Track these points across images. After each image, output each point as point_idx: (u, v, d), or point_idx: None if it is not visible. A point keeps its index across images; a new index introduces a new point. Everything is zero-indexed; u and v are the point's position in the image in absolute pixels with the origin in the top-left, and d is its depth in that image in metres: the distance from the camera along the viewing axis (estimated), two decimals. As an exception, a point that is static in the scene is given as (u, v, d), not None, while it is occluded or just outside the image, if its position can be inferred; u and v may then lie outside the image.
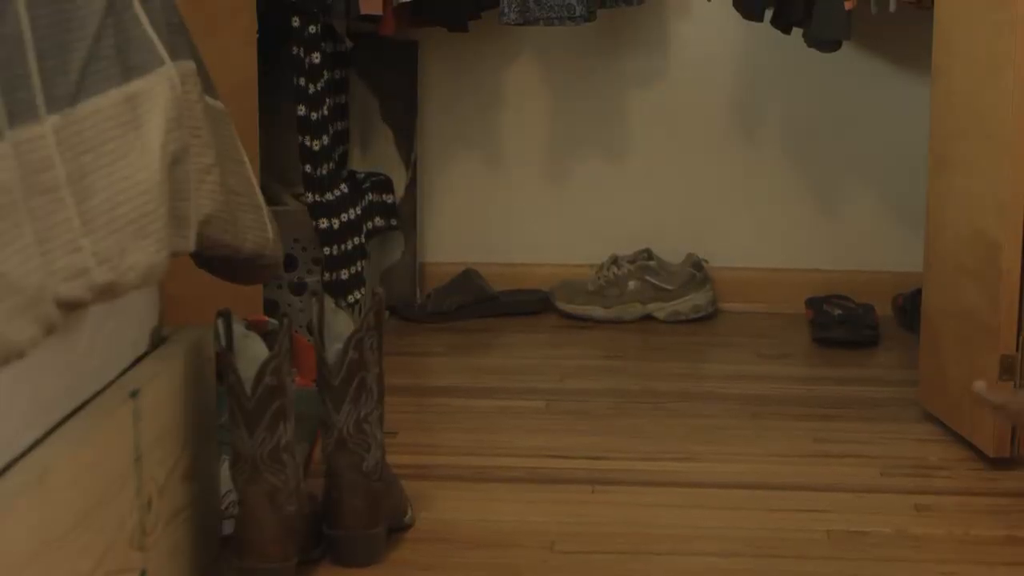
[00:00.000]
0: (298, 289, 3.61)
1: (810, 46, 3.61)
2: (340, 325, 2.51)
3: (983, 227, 2.87)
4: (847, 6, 3.43)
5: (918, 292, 3.30)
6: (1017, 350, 2.84)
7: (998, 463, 2.90)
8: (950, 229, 3.01)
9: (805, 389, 3.38)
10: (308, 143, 3.59)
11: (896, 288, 3.92)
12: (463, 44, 3.87)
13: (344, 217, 3.62)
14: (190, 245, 2.15)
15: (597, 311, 3.93)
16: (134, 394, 2.15)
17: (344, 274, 3.61)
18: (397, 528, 2.59)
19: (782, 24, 3.51)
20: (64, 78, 1.90)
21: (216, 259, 2.35)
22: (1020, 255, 2.81)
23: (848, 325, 3.74)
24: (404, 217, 3.97)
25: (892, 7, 3.43)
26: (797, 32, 3.59)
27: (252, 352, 2.36)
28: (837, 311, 3.79)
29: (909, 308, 3.74)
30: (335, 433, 2.48)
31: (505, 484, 2.86)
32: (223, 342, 2.36)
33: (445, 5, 3.64)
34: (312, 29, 3.53)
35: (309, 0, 3.46)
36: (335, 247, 3.59)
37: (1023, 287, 2.82)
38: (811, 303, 3.89)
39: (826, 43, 3.56)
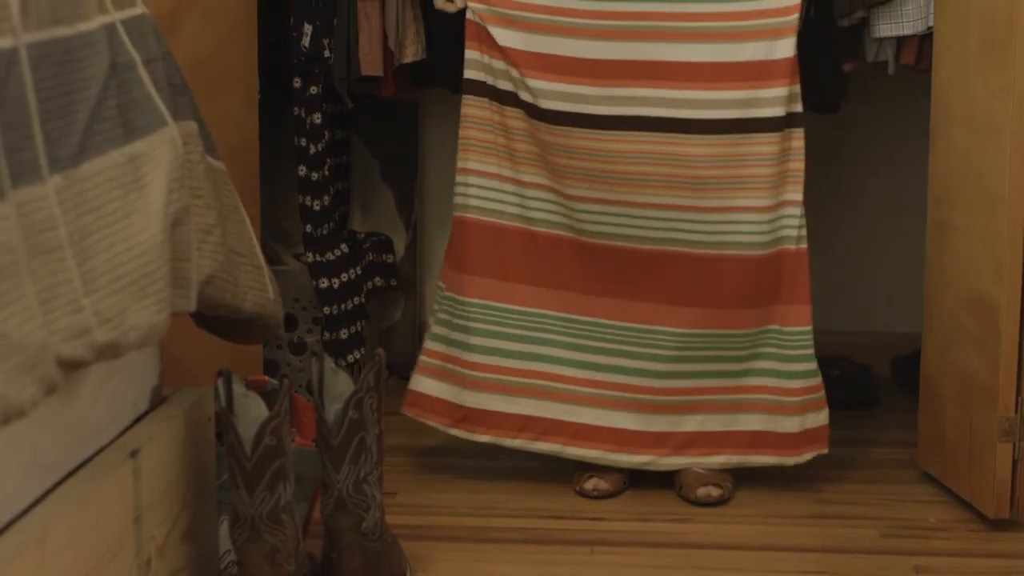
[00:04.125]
0: (298, 349, 3.62)
1: (809, 108, 3.62)
2: (340, 385, 2.51)
3: (982, 289, 2.88)
4: (846, 68, 3.45)
5: (917, 353, 3.30)
6: (1016, 412, 2.84)
7: (998, 525, 2.90)
8: (949, 291, 3.02)
9: (804, 450, 3.37)
10: (309, 203, 3.60)
11: (895, 349, 3.93)
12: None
13: (344, 277, 3.63)
14: (191, 305, 2.16)
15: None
16: (134, 454, 2.15)
17: (344, 334, 3.62)
18: (396, 589, 2.59)
19: (781, 86, 3.53)
20: (67, 139, 1.92)
21: (216, 319, 2.36)
22: (1019, 317, 2.82)
23: (847, 386, 3.74)
24: (404, 277, 3.98)
25: (891, 69, 3.45)
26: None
27: (252, 412, 2.37)
28: (836, 371, 3.79)
29: (908, 369, 3.74)
30: (334, 493, 2.48)
31: (504, 545, 2.86)
32: (223, 402, 2.36)
33: (446, 67, 3.65)
34: (313, 90, 3.55)
35: (310, 61, 3.48)
36: (335, 307, 3.60)
37: (1022, 349, 2.83)
38: (810, 364, 3.89)
39: (825, 105, 3.58)
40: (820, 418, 3.08)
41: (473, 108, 3.11)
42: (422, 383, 3.17)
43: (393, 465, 2.89)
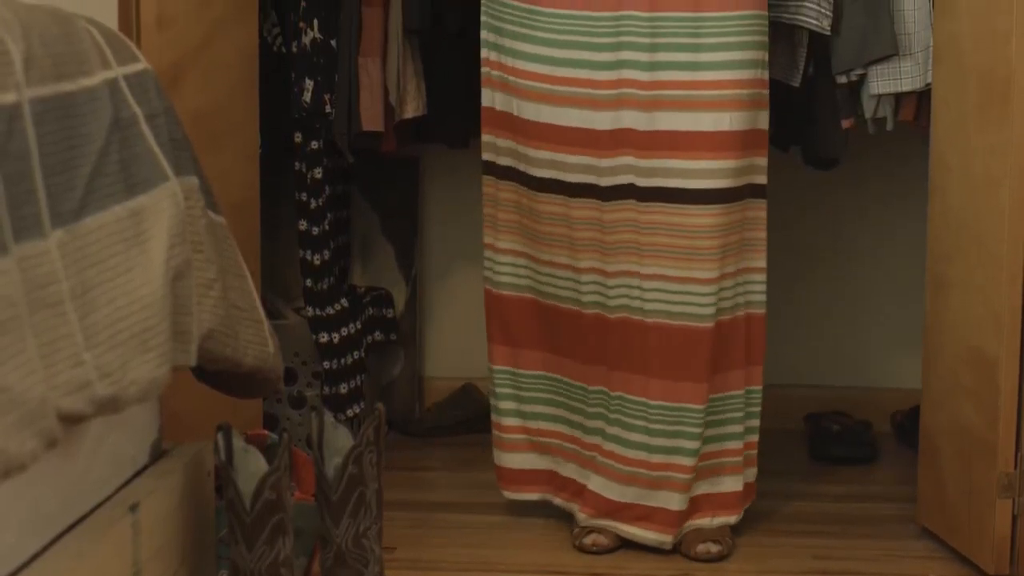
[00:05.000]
0: (298, 403, 3.62)
1: (808, 164, 3.64)
2: (339, 439, 2.51)
3: (980, 345, 2.88)
4: (844, 125, 3.46)
5: (917, 409, 3.30)
6: (1015, 468, 2.84)
7: (998, 581, 2.90)
8: (948, 346, 3.02)
9: (803, 505, 3.37)
10: (309, 257, 3.61)
11: (895, 405, 3.93)
12: (464, 161, 3.89)
13: (344, 331, 3.63)
14: (192, 359, 2.16)
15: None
16: (133, 508, 2.15)
17: (344, 388, 3.62)
18: (395, 644, 2.58)
19: (781, 143, 3.54)
20: (69, 194, 1.93)
21: (217, 373, 2.36)
22: (1018, 373, 2.82)
23: (846, 441, 3.74)
24: (404, 332, 3.98)
25: (889, 126, 3.46)
26: (795, 150, 3.62)
27: (251, 466, 2.37)
28: (835, 427, 3.79)
29: (908, 425, 3.75)
30: (334, 548, 2.48)
31: (503, 600, 2.86)
32: (223, 456, 2.36)
33: (446, 123, 3.68)
34: (314, 145, 3.56)
35: (311, 116, 3.49)
36: (335, 361, 3.60)
37: (1021, 405, 2.83)
38: (809, 419, 3.89)
39: (824, 161, 3.60)
40: (752, 473, 3.13)
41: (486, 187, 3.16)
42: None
43: (392, 520, 2.89)
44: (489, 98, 3.10)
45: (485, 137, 3.12)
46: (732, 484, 3.07)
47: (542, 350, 3.14)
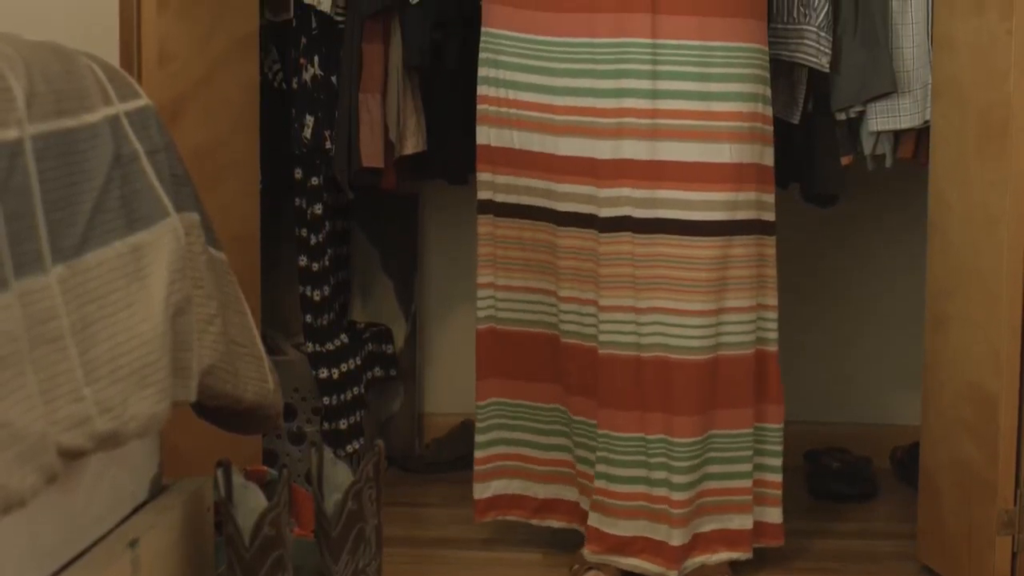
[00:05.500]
0: (297, 439, 3.62)
1: (807, 201, 3.65)
2: (339, 476, 2.51)
3: (980, 381, 2.88)
4: (843, 162, 3.47)
5: (916, 445, 3.30)
6: (1015, 505, 2.84)
7: (998, 618, 2.89)
8: (947, 383, 3.02)
9: (804, 542, 3.36)
10: (309, 293, 3.61)
11: (894, 441, 3.92)
12: (464, 197, 3.89)
13: (344, 367, 3.63)
14: (192, 395, 2.17)
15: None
16: (133, 544, 2.15)
17: (343, 424, 3.62)
18: None
19: (780, 179, 3.55)
20: (70, 229, 1.93)
21: (216, 409, 2.36)
22: (1017, 410, 2.82)
23: (846, 478, 3.73)
24: (404, 367, 3.98)
25: (888, 163, 3.47)
26: (794, 187, 3.62)
27: (251, 502, 2.37)
28: (835, 464, 3.79)
29: (907, 461, 3.74)
30: (333, 584, 2.48)
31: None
32: (222, 492, 2.36)
33: (445, 159, 3.68)
34: (314, 181, 3.57)
35: (312, 152, 3.50)
36: (334, 397, 3.60)
37: (1020, 442, 2.83)
38: (809, 456, 3.89)
39: (823, 198, 3.61)
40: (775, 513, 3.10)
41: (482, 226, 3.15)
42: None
43: (392, 556, 2.88)
44: (485, 135, 3.09)
45: (481, 175, 3.12)
46: (741, 522, 3.04)
47: (547, 382, 3.13)
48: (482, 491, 3.19)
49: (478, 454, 3.20)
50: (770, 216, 3.03)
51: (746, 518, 3.04)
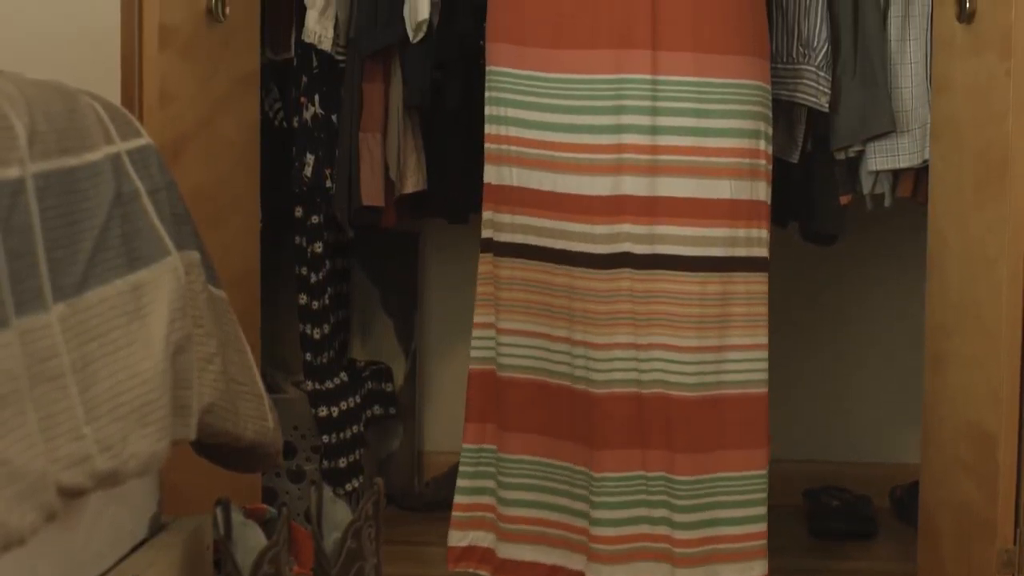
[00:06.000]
0: (296, 477, 3.62)
1: (807, 240, 3.65)
2: (338, 514, 2.51)
3: (979, 420, 2.88)
4: (842, 201, 3.48)
5: (915, 484, 3.30)
6: (1015, 544, 2.83)
7: (998, 658, 2.89)
8: (946, 422, 3.02)
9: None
10: (309, 331, 3.62)
11: (894, 480, 3.92)
12: (463, 236, 3.90)
13: (343, 405, 3.63)
14: (191, 434, 2.17)
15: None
16: (132, 582, 2.15)
17: (342, 462, 3.62)
18: None
19: (779, 218, 3.56)
20: (71, 267, 1.94)
21: (216, 447, 2.37)
22: (1016, 449, 2.82)
23: (845, 516, 3.73)
24: (403, 406, 3.98)
25: (887, 202, 3.48)
26: (794, 225, 3.63)
27: (250, 541, 2.37)
28: (834, 502, 3.79)
29: (907, 500, 3.74)
30: (332, 623, 2.47)
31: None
32: (221, 530, 2.36)
33: (446, 198, 3.69)
34: (315, 219, 3.58)
35: (312, 191, 3.51)
36: (334, 435, 3.60)
37: (1020, 481, 2.83)
38: (809, 495, 3.89)
39: (822, 237, 3.61)
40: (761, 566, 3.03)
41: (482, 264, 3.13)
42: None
43: (391, 595, 2.88)
44: (489, 174, 3.09)
45: (485, 214, 3.11)
46: (760, 568, 2.96)
47: (534, 432, 3.07)
48: (459, 539, 3.14)
49: (459, 499, 3.13)
50: (763, 252, 3.02)
51: (763, 563, 2.99)
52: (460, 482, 3.14)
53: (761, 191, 2.99)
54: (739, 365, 2.97)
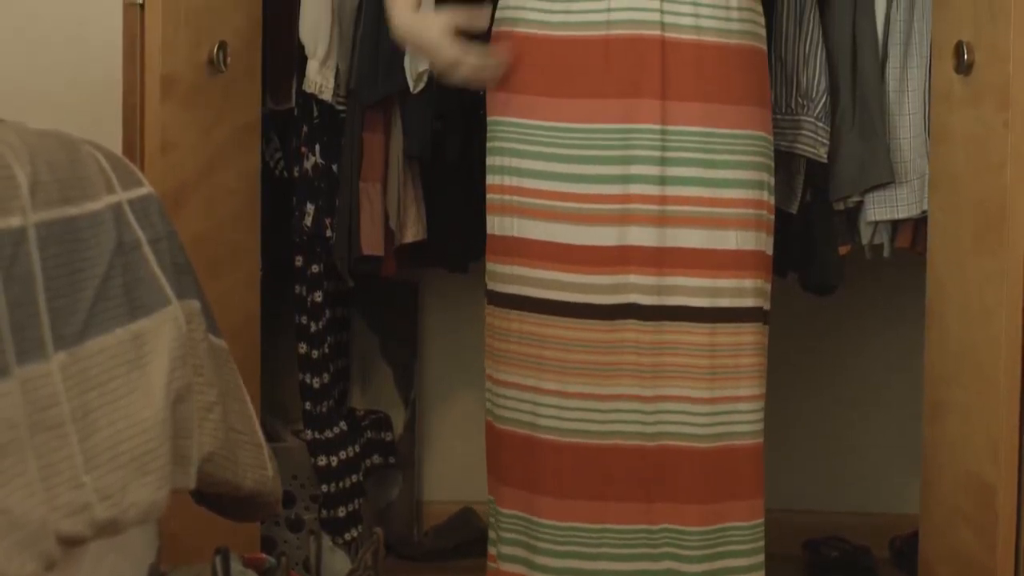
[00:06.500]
0: (295, 526, 3.61)
1: (806, 290, 3.66)
2: (337, 563, 2.51)
3: (978, 471, 2.88)
4: (841, 251, 3.48)
5: (915, 534, 3.30)
6: (1015, 594, 2.83)
7: None
8: (946, 472, 3.02)
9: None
10: (308, 380, 3.62)
11: (894, 530, 3.91)
12: (463, 285, 3.91)
13: (342, 454, 3.63)
14: (191, 482, 2.17)
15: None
16: (131, 631, 2.14)
17: (341, 512, 3.61)
18: None
19: (779, 268, 3.56)
20: (72, 317, 1.94)
21: (215, 496, 2.37)
22: (1016, 499, 2.82)
23: (845, 567, 3.73)
24: (402, 455, 3.98)
25: (886, 252, 3.48)
26: (793, 275, 3.64)
27: (249, 590, 2.37)
28: (834, 553, 3.78)
29: (907, 550, 3.73)
30: (330, 673, 2.47)
31: None
32: (220, 579, 2.36)
33: (445, 247, 3.70)
34: (315, 268, 3.58)
35: (312, 240, 3.52)
36: (333, 484, 3.60)
37: (1020, 532, 2.82)
38: (808, 545, 3.88)
39: (822, 287, 3.62)
40: None
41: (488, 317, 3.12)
42: None
43: (389, 645, 2.88)
44: (491, 224, 3.08)
45: (488, 265, 3.10)
46: None
47: (522, 489, 3.02)
48: None
49: (494, 549, 3.08)
50: (767, 304, 3.03)
51: None
52: (500, 548, 3.08)
53: (766, 243, 2.99)
54: (745, 416, 2.96)
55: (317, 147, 3.50)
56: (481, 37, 3.00)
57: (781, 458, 3.98)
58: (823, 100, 3.35)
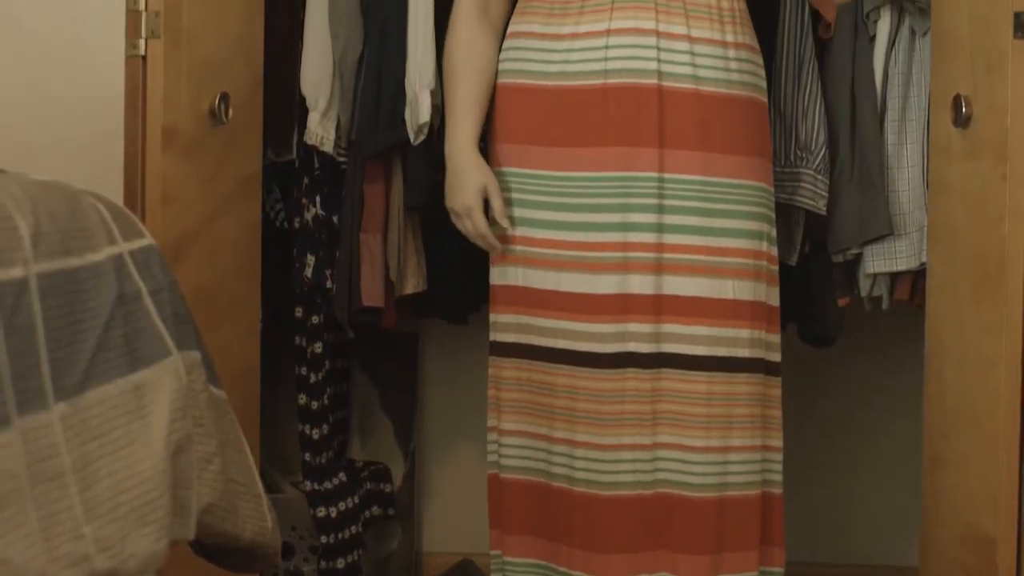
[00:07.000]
0: (294, 578, 3.61)
1: (805, 341, 3.66)
2: (336, 615, 2.50)
3: (978, 523, 2.88)
4: (840, 303, 3.49)
5: (915, 588, 3.29)
6: (1015, 647, 2.82)
7: None
8: (946, 524, 3.02)
9: None
10: (308, 431, 3.62)
11: (893, 583, 3.91)
12: (463, 336, 3.91)
13: (342, 506, 3.63)
14: (190, 533, 2.17)
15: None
16: None
17: (340, 563, 3.61)
18: None
19: (777, 320, 3.57)
20: (73, 367, 1.95)
21: (215, 547, 2.36)
22: (1015, 552, 2.81)
23: (846, 620, 3.72)
24: (402, 507, 3.97)
25: (885, 305, 3.49)
26: (792, 327, 3.64)
27: (248, 641, 2.36)
28: (834, 606, 3.77)
29: (907, 604, 3.73)
30: None
31: None
32: (219, 631, 2.36)
33: (445, 298, 3.70)
34: (315, 319, 3.58)
35: (312, 291, 3.52)
36: (332, 536, 3.59)
37: (1019, 584, 2.82)
38: (808, 598, 3.88)
39: (821, 339, 3.62)
40: None
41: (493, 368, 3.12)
42: None
43: None
44: (495, 275, 3.08)
45: (492, 316, 3.10)
46: None
47: (535, 535, 3.04)
48: None
49: None
50: (776, 357, 3.02)
51: None
52: None
53: (768, 294, 2.99)
54: (737, 467, 2.95)
55: (318, 198, 3.51)
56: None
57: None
58: (822, 152, 3.36)
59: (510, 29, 3.07)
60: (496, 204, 2.98)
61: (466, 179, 2.99)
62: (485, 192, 2.98)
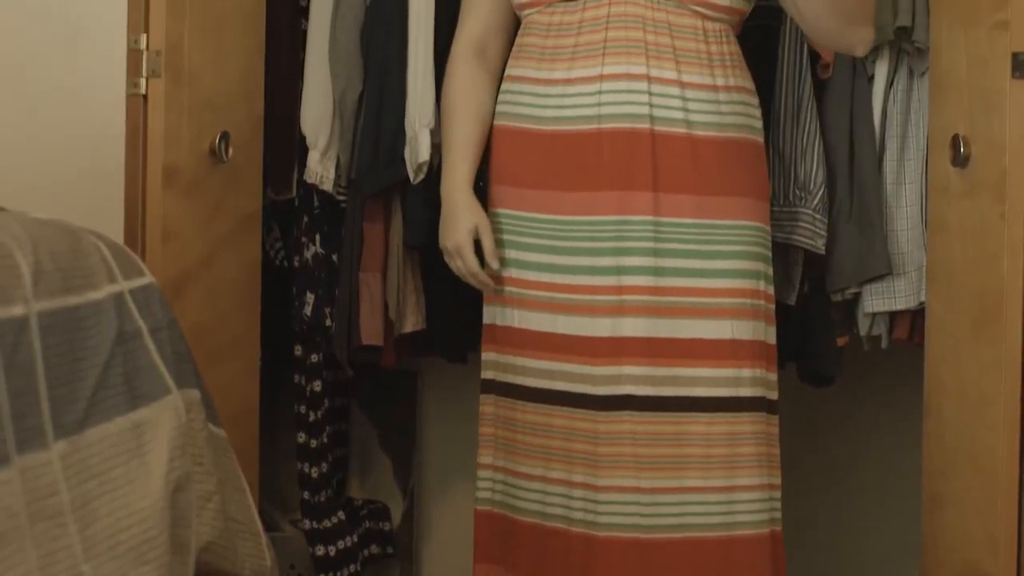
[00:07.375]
0: (293, 617, 3.60)
1: (804, 381, 3.66)
2: (335, 654, 2.50)
3: (977, 561, 2.88)
4: (839, 342, 3.49)
5: (915, 627, 3.29)
6: None
7: None
8: (945, 563, 3.02)
9: None
10: (307, 470, 3.62)
11: (893, 623, 3.91)
12: (463, 375, 3.92)
13: (340, 544, 3.62)
14: (189, 572, 2.17)
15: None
16: None
17: (339, 602, 3.61)
18: None
19: (777, 360, 3.57)
20: (73, 406, 1.95)
21: (213, 585, 2.36)
22: (1015, 591, 2.81)
23: (845, 660, 3.71)
24: (401, 545, 3.97)
25: (884, 344, 3.49)
26: (791, 366, 3.64)
27: None
28: (834, 646, 3.76)
29: (906, 643, 3.73)
30: None
31: None
32: (218, 670, 2.35)
33: (444, 337, 3.70)
34: (314, 358, 3.59)
35: (312, 329, 3.52)
36: (331, 574, 3.59)
37: (1019, 623, 2.82)
38: (808, 637, 3.87)
39: (820, 378, 3.62)
40: None
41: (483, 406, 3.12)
42: None
43: None
44: (489, 315, 3.10)
45: (485, 355, 3.12)
46: None
47: (494, 563, 3.05)
48: None
49: None
50: (774, 395, 3.02)
51: None
52: None
53: (766, 333, 3.00)
54: (745, 506, 2.95)
55: (317, 237, 3.52)
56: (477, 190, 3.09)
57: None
58: (821, 192, 3.37)
59: (507, 72, 3.09)
60: (486, 244, 3.00)
61: (458, 219, 3.02)
62: (476, 232, 3.00)
